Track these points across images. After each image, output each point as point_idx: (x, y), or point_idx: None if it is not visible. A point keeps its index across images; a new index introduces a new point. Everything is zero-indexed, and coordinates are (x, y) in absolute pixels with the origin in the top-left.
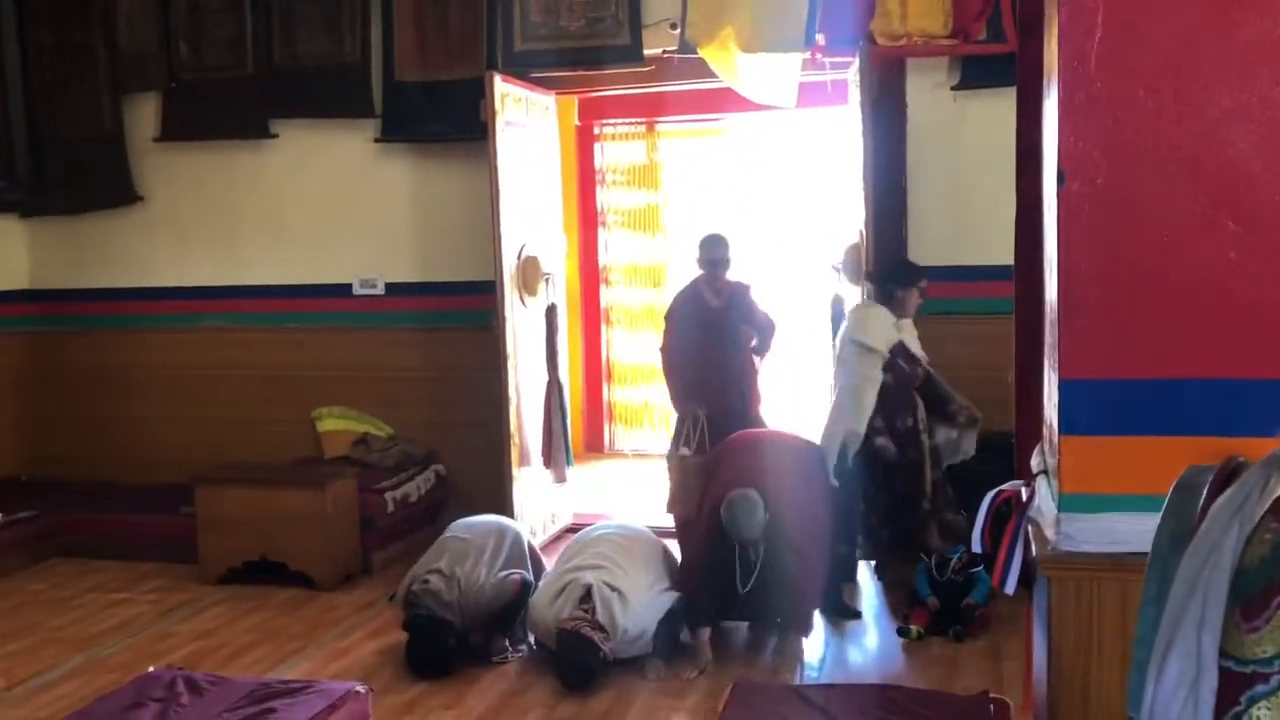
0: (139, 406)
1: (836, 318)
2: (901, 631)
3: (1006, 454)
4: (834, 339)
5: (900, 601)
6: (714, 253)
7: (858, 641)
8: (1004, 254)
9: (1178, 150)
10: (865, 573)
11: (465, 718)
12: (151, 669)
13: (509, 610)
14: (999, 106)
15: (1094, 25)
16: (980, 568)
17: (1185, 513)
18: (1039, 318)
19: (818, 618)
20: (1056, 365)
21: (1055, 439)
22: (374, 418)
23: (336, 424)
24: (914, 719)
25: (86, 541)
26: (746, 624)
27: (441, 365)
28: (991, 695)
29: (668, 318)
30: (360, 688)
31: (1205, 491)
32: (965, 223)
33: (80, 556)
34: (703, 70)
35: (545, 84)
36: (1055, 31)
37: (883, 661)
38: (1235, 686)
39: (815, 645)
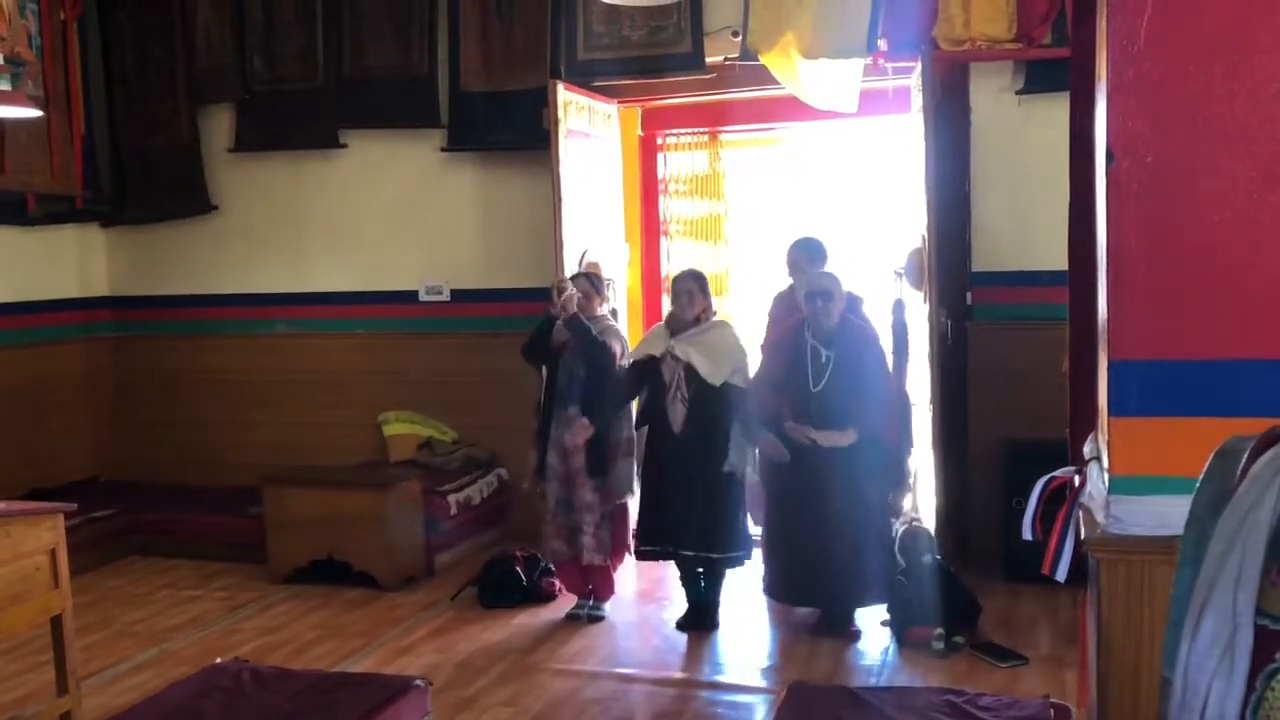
0: (211, 410)
1: (898, 323)
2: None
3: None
4: (894, 342)
5: None
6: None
7: (918, 649)
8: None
9: (1229, 127)
10: None
11: (523, 714)
12: (219, 660)
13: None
14: (1064, 110)
15: (1144, 2)
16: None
17: (1225, 476)
18: (1093, 305)
19: (881, 628)
20: (1107, 347)
21: (1106, 422)
22: (438, 422)
23: (402, 428)
24: None
25: (160, 540)
26: (810, 611)
27: (505, 370)
28: (1053, 701)
29: None
30: (420, 681)
31: (1246, 456)
32: (1030, 228)
33: (155, 555)
34: (765, 77)
35: (608, 93)
36: (1105, 9)
37: (945, 669)
38: (1271, 644)
39: (874, 651)
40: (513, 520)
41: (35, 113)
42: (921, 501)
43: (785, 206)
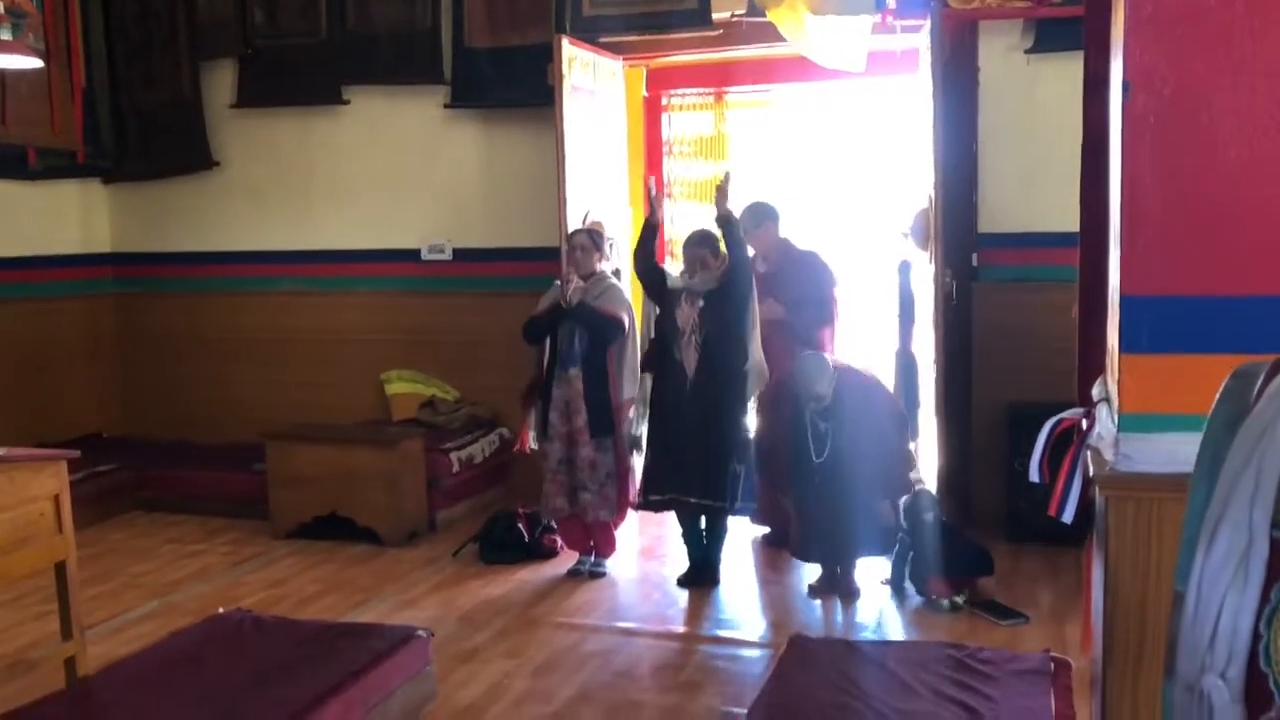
0: (214, 367)
1: (904, 283)
2: (952, 605)
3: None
4: (900, 303)
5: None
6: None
7: (915, 608)
8: (1077, 221)
9: (1248, 61)
10: None
11: (525, 666)
12: (221, 610)
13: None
14: (1073, 69)
15: None
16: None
17: (1242, 396)
18: (1103, 249)
19: (883, 588)
20: (1119, 283)
21: (1116, 360)
22: (441, 381)
23: (404, 387)
24: (974, 675)
25: (164, 496)
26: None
27: (508, 330)
28: (1053, 655)
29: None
30: (422, 632)
31: (1262, 377)
32: (1037, 189)
33: (158, 510)
34: (771, 35)
35: (613, 49)
36: None
37: (946, 626)
38: None
39: (872, 610)
40: (514, 478)
41: (37, 63)
42: (924, 463)
43: (791, 168)
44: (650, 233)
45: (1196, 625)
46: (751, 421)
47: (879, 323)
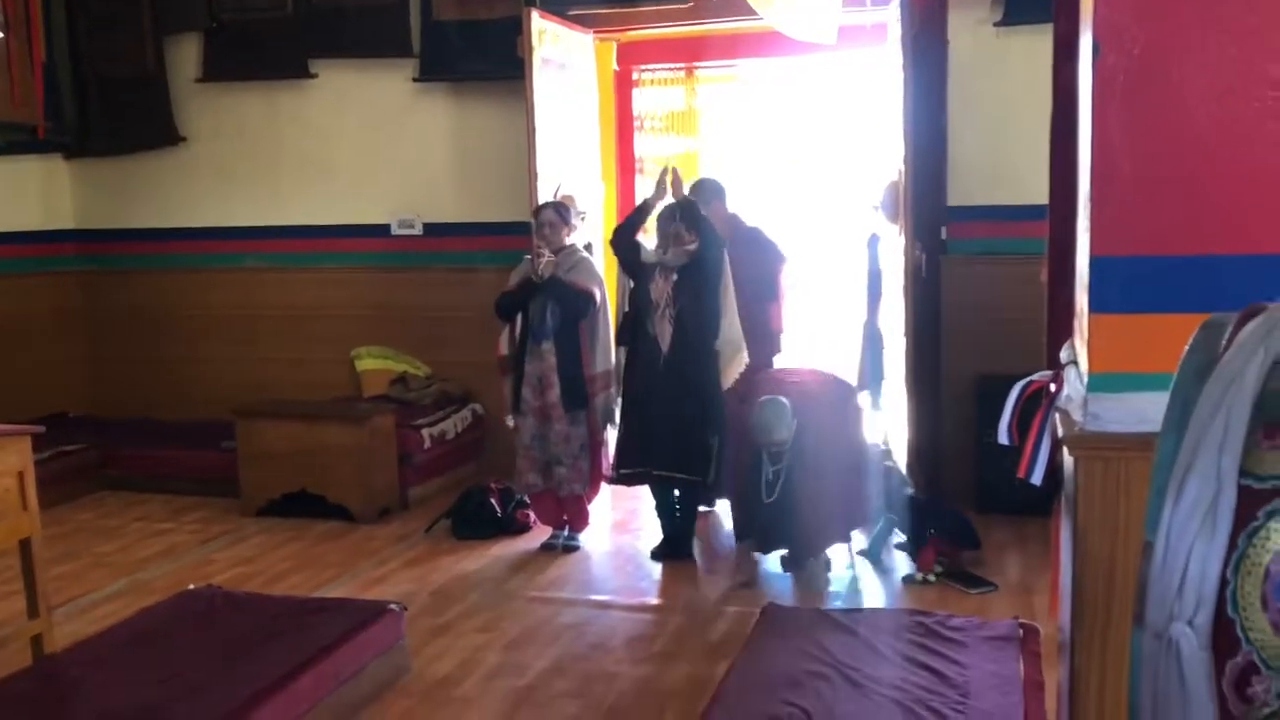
0: (182, 345)
1: (873, 257)
2: (907, 578)
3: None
4: (868, 276)
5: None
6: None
7: (887, 579)
8: (1045, 194)
9: (1216, 21)
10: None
11: (498, 640)
12: (191, 586)
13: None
14: (1043, 42)
15: None
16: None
17: (1210, 347)
18: (1072, 213)
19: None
20: (1088, 244)
21: (1085, 320)
22: (412, 357)
23: (375, 363)
24: (944, 642)
25: (132, 475)
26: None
27: (479, 305)
28: (1021, 621)
29: None
30: (395, 606)
31: (1231, 328)
32: (1007, 162)
33: (126, 490)
34: (742, 8)
35: (584, 22)
36: None
37: (916, 596)
38: (1254, 502)
39: (843, 580)
40: (487, 454)
41: None
42: (894, 435)
43: (762, 143)
44: (643, 214)
45: (1165, 573)
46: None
47: (847, 296)
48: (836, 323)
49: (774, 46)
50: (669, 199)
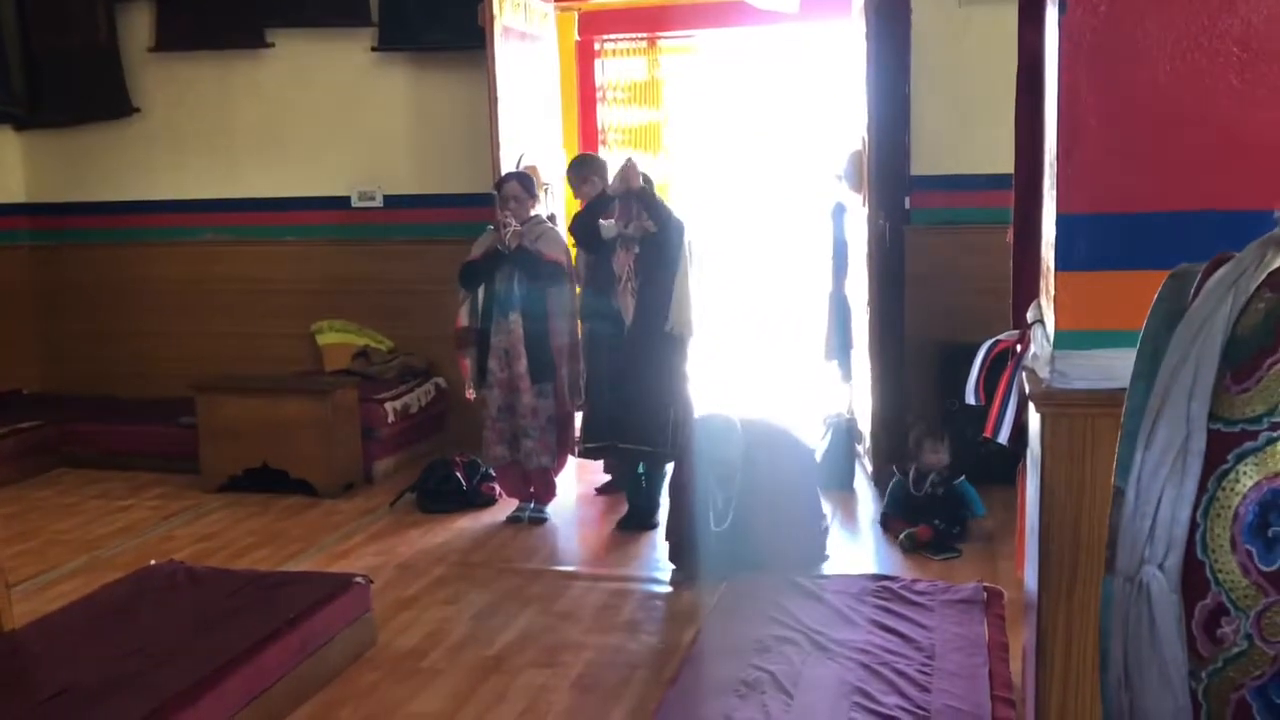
0: (139, 320)
1: (837, 226)
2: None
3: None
4: (834, 246)
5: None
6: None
7: (854, 546)
8: (1008, 164)
9: None
10: (863, 481)
11: (465, 611)
12: (153, 562)
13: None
14: (1005, 14)
15: None
16: (963, 478)
17: (1179, 295)
18: (1038, 174)
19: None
20: (1055, 202)
21: (1051, 278)
22: (374, 331)
23: (337, 337)
24: (909, 606)
25: (90, 453)
26: None
27: (441, 278)
28: (986, 585)
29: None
30: (360, 579)
31: (1199, 277)
32: (969, 132)
33: (84, 467)
34: None
35: None
36: None
37: (879, 564)
38: (1223, 446)
39: None
40: (451, 428)
41: None
42: (858, 402)
43: (726, 114)
44: (605, 205)
45: (1136, 518)
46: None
47: (812, 266)
48: (802, 292)
49: (737, 16)
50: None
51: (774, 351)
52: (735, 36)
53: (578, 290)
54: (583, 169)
